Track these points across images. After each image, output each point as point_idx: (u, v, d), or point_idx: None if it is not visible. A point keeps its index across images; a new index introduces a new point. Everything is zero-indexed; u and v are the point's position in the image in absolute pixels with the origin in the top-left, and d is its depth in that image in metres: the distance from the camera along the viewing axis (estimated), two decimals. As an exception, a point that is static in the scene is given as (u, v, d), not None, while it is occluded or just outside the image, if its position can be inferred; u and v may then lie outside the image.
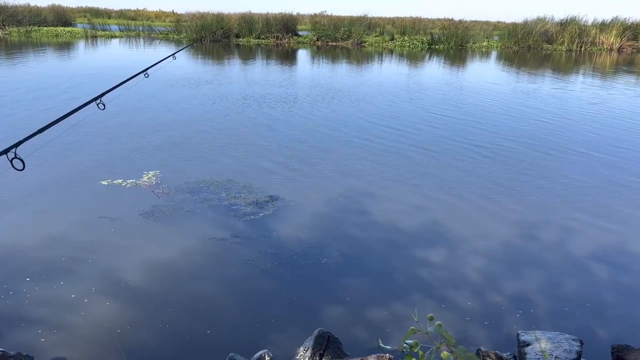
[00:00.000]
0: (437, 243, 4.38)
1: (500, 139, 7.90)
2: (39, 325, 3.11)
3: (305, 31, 30.09)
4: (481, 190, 5.65)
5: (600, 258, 4.20)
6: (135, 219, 4.63)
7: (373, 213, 4.97)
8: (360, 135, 7.92)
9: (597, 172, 6.37)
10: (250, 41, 26.98)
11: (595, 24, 28.98)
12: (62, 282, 3.57)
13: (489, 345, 3.01)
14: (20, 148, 1.96)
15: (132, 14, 42.93)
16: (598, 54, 26.15)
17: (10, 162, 1.88)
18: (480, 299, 3.56)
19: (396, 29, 30.31)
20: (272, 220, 4.68)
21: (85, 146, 6.79)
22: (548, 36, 28.16)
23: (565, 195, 5.56)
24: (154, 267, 3.82)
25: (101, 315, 3.23)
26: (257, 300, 3.47)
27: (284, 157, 6.61)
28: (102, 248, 4.08)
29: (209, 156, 6.58)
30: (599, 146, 7.65)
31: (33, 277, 3.61)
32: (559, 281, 3.84)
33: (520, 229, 4.71)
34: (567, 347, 2.68)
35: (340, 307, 3.42)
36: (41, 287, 3.50)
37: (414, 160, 6.68)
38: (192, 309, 3.35)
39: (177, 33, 28.99)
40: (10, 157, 1.87)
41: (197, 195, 5.19)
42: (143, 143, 7.07)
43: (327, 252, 4.13)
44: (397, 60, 21.58)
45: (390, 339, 3.05)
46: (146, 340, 3.03)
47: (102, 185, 5.28)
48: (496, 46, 28.77)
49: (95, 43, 24.82)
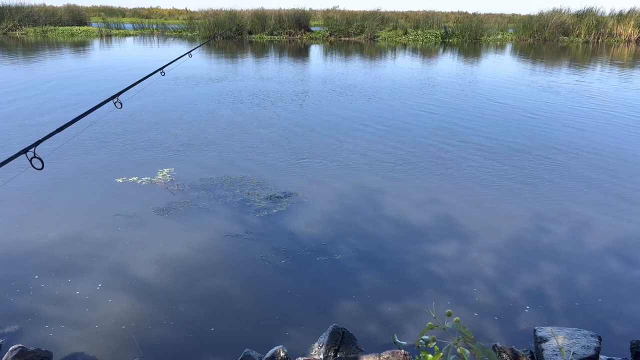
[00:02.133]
0: (451, 238, 4.35)
1: (514, 134, 7.81)
2: (57, 321, 3.16)
3: (317, 27, 30.07)
4: (494, 184, 5.60)
5: (617, 253, 4.14)
6: (151, 216, 4.67)
7: (386, 208, 4.96)
8: (374, 131, 7.89)
9: (612, 167, 6.26)
10: (263, 37, 27.02)
11: (613, 15, 28.50)
12: (80, 278, 3.62)
13: (505, 341, 2.98)
14: (39, 147, 1.98)
15: (145, 12, 43.25)
16: (616, 46, 25.69)
17: (30, 161, 1.90)
18: (495, 294, 3.53)
19: (409, 23, 30.12)
20: (285, 216, 4.69)
21: (101, 144, 6.86)
22: (564, 28, 27.76)
23: (579, 190, 5.48)
24: (169, 264, 3.86)
25: (118, 311, 3.27)
26: (272, 296, 3.48)
27: (297, 154, 6.61)
28: (118, 245, 4.12)
29: (223, 153, 6.61)
30: (615, 141, 7.53)
31: (51, 274, 3.66)
32: (575, 276, 3.79)
33: (535, 224, 4.66)
34: (585, 343, 2.65)
35: (354, 302, 3.42)
36: (59, 284, 3.55)
37: (426, 155, 6.64)
38: (207, 305, 3.38)
39: (191, 31, 29.14)
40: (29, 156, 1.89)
41: (211, 192, 5.22)
42: (158, 141, 7.12)
43: (340, 248, 4.13)
44: (411, 54, 21.43)
45: (405, 335, 3.04)
46: (162, 336, 3.06)
47: (117, 183, 5.34)
48: (511, 39, 28.43)
49: (110, 42, 25.05)
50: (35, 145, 1.92)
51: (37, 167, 1.91)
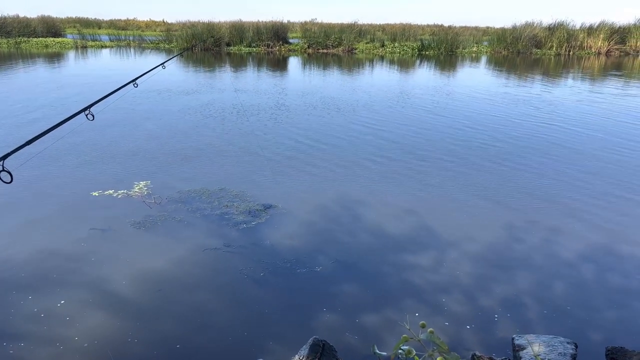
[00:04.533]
0: (428, 248, 4.38)
1: (490, 142, 7.94)
2: (29, 338, 3.07)
3: (296, 39, 30.21)
4: (470, 194, 5.67)
5: (592, 260, 4.22)
6: (128, 229, 4.60)
7: (365, 219, 4.97)
8: (352, 142, 7.94)
9: (585, 174, 6.41)
10: (241, 49, 27.04)
11: (583, 28, 29.32)
12: (53, 294, 3.54)
13: (484, 349, 3.00)
14: (9, 160, 1.94)
15: (122, 24, 42.89)
16: (586, 58, 26.43)
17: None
18: (474, 303, 3.56)
19: (386, 36, 30.50)
20: (265, 228, 4.67)
21: (75, 157, 6.75)
22: (537, 41, 28.47)
23: (554, 198, 5.59)
24: (146, 278, 3.79)
25: (93, 327, 3.19)
26: (251, 310, 3.45)
27: (276, 166, 6.60)
28: (93, 259, 4.04)
29: (201, 165, 6.56)
30: (589, 148, 7.71)
31: (22, 290, 3.57)
32: (551, 284, 3.85)
33: (510, 233, 4.73)
34: (562, 350, 2.68)
35: (334, 314, 3.41)
36: (31, 300, 3.46)
37: (404, 165, 6.70)
38: (185, 319, 3.33)
39: (168, 42, 29.00)
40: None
41: (189, 204, 5.17)
42: (133, 153, 7.04)
43: (320, 260, 4.12)
44: (388, 66, 21.68)
45: (385, 345, 3.04)
46: (139, 351, 3.00)
47: (93, 197, 5.25)
48: (486, 51, 29.03)
49: (85, 53, 24.75)
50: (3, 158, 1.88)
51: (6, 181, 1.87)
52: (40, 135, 2.21)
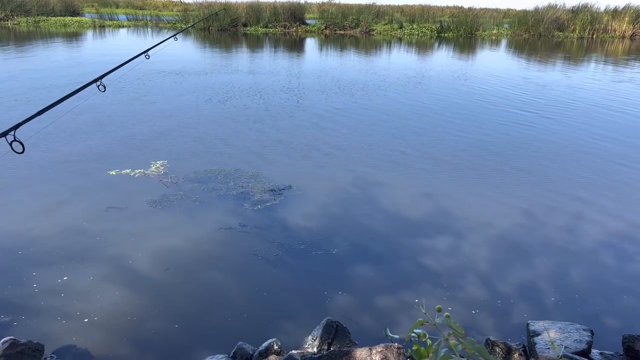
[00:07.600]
0: (445, 232, 4.36)
1: (509, 128, 7.82)
2: (49, 314, 3.14)
3: (313, 19, 29.88)
4: (489, 179, 5.61)
5: (611, 247, 4.16)
6: (144, 208, 4.64)
7: (381, 202, 4.95)
8: (368, 124, 7.88)
9: (605, 161, 6.29)
10: (258, 30, 26.85)
11: (608, 10, 28.49)
12: (72, 270, 3.60)
13: (498, 334, 2.99)
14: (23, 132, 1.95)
15: (139, 4, 42.82)
16: (610, 42, 25.74)
17: (10, 144, 1.86)
18: (489, 288, 3.54)
19: (405, 17, 30.02)
20: (280, 209, 4.68)
21: (93, 134, 6.80)
22: (559, 23, 27.75)
23: (573, 184, 5.50)
24: (163, 257, 3.84)
25: (110, 304, 3.25)
26: (266, 290, 3.48)
27: (291, 147, 6.59)
28: (111, 237, 4.10)
29: (217, 145, 6.57)
30: (610, 135, 7.55)
31: (42, 266, 3.64)
32: (568, 271, 3.81)
33: (528, 218, 4.67)
34: (578, 337, 2.66)
35: (348, 296, 3.42)
36: (51, 276, 3.52)
37: (421, 149, 6.64)
38: (201, 298, 3.37)
39: (185, 22, 28.90)
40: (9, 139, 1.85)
41: (205, 184, 5.20)
42: (150, 132, 7.07)
43: (335, 242, 4.12)
44: (406, 49, 21.38)
45: (399, 328, 3.04)
46: (155, 328, 3.05)
47: (110, 175, 5.30)
48: (506, 34, 28.40)
49: (103, 32, 24.81)
50: (15, 128, 1.89)
51: (18, 151, 1.88)
52: (52, 105, 2.22)
